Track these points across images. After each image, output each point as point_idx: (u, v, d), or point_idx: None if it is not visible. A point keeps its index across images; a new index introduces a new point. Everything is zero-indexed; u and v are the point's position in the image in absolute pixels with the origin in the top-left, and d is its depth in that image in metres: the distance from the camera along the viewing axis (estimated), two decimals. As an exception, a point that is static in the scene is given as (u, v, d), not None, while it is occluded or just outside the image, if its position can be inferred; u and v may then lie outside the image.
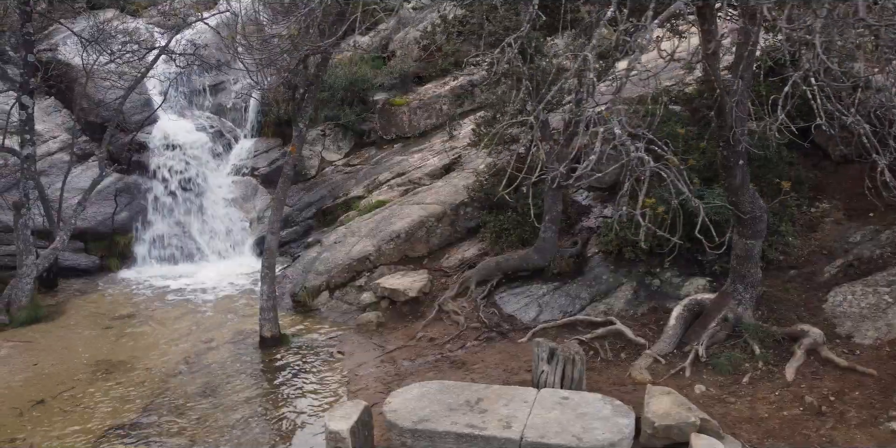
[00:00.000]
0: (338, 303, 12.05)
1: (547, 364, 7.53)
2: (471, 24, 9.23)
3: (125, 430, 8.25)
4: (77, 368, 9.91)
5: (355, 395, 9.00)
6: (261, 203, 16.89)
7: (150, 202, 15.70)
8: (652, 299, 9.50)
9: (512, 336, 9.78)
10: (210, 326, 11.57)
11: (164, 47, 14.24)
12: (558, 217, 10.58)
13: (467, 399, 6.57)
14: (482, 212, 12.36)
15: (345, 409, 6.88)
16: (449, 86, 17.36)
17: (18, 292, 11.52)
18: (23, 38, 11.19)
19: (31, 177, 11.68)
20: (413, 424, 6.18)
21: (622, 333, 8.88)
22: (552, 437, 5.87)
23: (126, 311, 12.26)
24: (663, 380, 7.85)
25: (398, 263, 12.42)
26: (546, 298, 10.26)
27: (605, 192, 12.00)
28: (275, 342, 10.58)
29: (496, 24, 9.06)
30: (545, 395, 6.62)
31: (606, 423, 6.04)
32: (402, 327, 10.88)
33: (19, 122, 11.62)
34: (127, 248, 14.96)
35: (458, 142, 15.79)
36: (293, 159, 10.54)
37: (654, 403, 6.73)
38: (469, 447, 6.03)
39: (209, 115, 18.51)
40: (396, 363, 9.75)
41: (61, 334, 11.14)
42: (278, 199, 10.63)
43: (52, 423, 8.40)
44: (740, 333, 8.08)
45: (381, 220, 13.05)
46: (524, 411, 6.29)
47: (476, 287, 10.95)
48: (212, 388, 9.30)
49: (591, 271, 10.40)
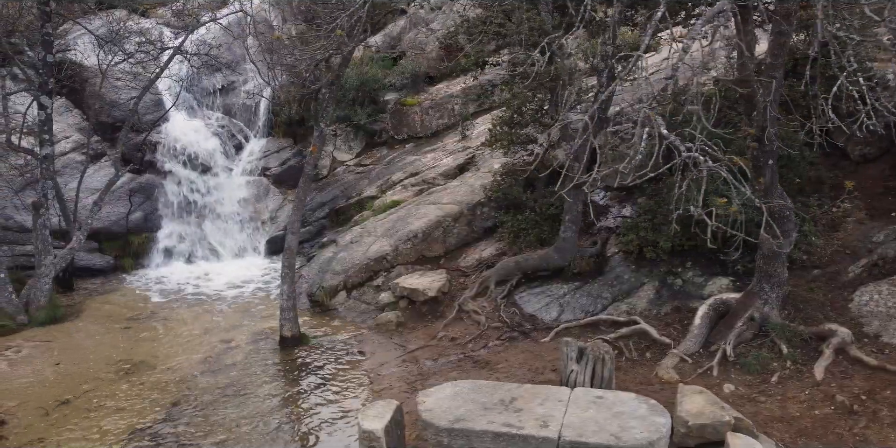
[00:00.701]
0: (355, 302, 12.05)
1: (576, 363, 7.54)
2: (494, 23, 9.24)
3: (152, 430, 8.25)
4: (99, 368, 9.91)
5: (379, 394, 9.02)
6: (273, 203, 16.90)
7: (163, 202, 15.69)
8: (675, 299, 9.51)
9: (534, 336, 9.79)
10: (228, 326, 11.57)
11: (179, 47, 14.22)
12: (579, 217, 10.58)
13: (501, 398, 6.58)
14: (499, 212, 12.38)
15: (377, 408, 6.89)
16: (461, 86, 17.39)
17: (37, 292, 11.52)
18: (42, 38, 11.16)
19: (50, 177, 11.67)
20: (450, 423, 6.18)
21: (647, 333, 8.89)
22: (590, 436, 5.88)
23: (143, 312, 12.25)
24: (691, 379, 7.87)
25: (415, 263, 12.43)
26: (567, 298, 10.27)
27: (622, 192, 12.02)
28: (295, 342, 10.59)
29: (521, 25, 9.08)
30: (579, 394, 6.63)
31: (643, 422, 6.05)
32: (422, 327, 10.89)
33: (38, 123, 11.59)
34: (141, 248, 14.95)
35: (471, 142, 15.82)
36: (314, 159, 10.55)
37: (686, 402, 6.75)
38: (507, 446, 6.04)
39: (219, 115, 18.51)
40: (419, 363, 9.76)
41: (81, 334, 11.13)
42: (298, 199, 10.63)
43: (78, 423, 8.40)
44: (767, 333, 8.09)
45: (397, 220, 13.06)
46: (560, 410, 6.30)
47: (496, 287, 10.97)
48: (235, 389, 9.30)
49: (612, 271, 10.41)
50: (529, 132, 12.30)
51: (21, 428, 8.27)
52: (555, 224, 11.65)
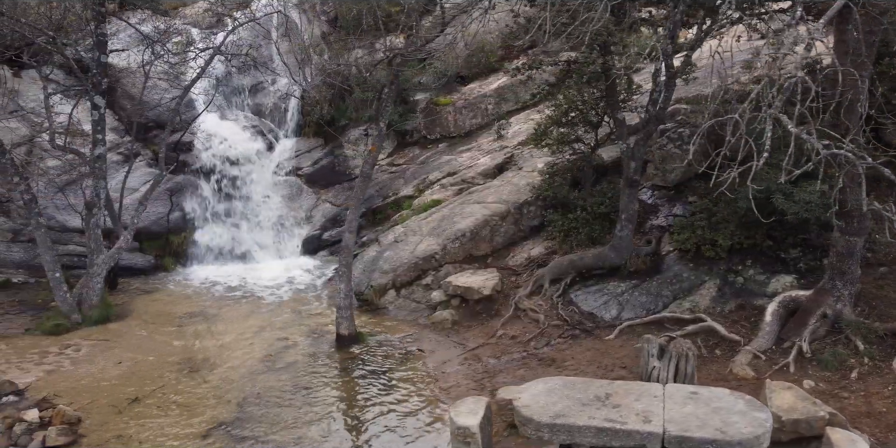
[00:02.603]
0: (405, 301, 12.10)
1: (658, 360, 7.61)
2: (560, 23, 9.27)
3: (228, 427, 8.29)
4: (160, 366, 9.93)
5: (447, 392, 9.09)
6: (307, 203, 16.93)
7: (199, 202, 15.70)
8: (738, 297, 9.59)
9: (597, 333, 9.86)
10: (280, 325, 11.60)
11: (219, 48, 14.24)
12: (634, 216, 10.64)
13: (596, 394, 6.63)
14: (547, 211, 12.43)
15: (468, 404, 6.94)
16: (494, 86, 17.45)
17: (89, 291, 11.53)
18: (96, 38, 11.18)
19: (103, 176, 11.68)
20: (551, 419, 6.23)
21: (714, 330, 8.96)
22: (695, 431, 5.93)
23: (192, 310, 12.27)
24: (767, 376, 7.94)
25: (462, 262, 12.47)
26: (625, 296, 10.34)
27: (670, 190, 12.08)
28: (352, 340, 10.63)
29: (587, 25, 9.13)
30: (672, 390, 6.69)
31: (745, 417, 6.11)
32: (477, 325, 10.94)
33: (91, 123, 11.62)
34: (180, 248, 14.97)
35: (508, 141, 15.88)
36: (373, 158, 10.58)
37: (776, 398, 6.82)
38: (610, 441, 6.10)
39: (249, 114, 18.55)
40: (481, 361, 9.81)
41: (135, 333, 11.15)
42: (357, 198, 10.68)
43: (152, 420, 8.43)
44: (841, 330, 8.17)
45: (442, 219, 13.10)
46: (657, 406, 6.36)
47: (550, 285, 11.02)
48: (301, 386, 9.33)
49: (670, 269, 10.48)
50: (577, 132, 12.37)
51: (97, 425, 8.30)
52: (605, 223, 11.73)
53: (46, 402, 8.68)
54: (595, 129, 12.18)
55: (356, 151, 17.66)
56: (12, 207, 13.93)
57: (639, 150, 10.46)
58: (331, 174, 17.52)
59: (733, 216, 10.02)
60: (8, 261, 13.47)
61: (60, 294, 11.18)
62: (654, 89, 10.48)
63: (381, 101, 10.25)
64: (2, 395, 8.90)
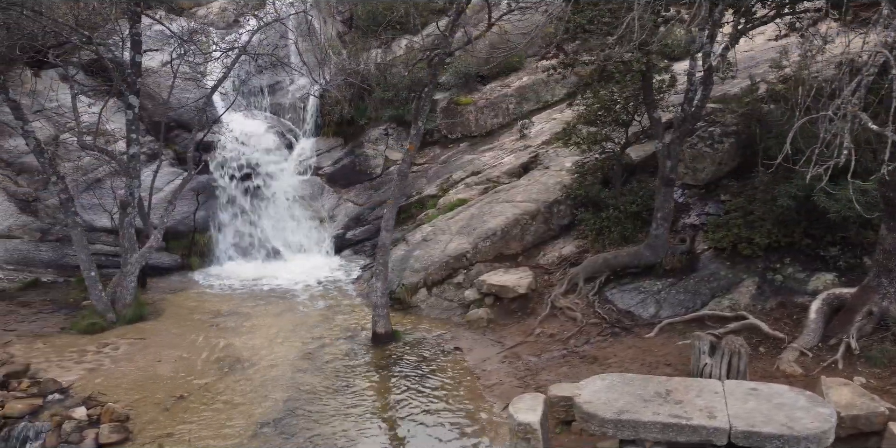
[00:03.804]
0: (437, 300, 12.13)
1: (709, 357, 7.65)
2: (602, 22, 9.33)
3: (275, 425, 8.31)
4: (201, 364, 9.95)
5: (490, 389, 9.12)
6: (329, 202, 16.97)
7: (223, 201, 15.73)
8: (778, 295, 9.63)
9: (636, 331, 9.90)
10: (313, 323, 11.62)
11: (244, 47, 14.25)
12: (670, 214, 10.68)
13: (656, 391, 6.67)
14: (577, 209, 12.47)
15: (527, 401, 6.97)
16: (515, 85, 17.50)
17: (123, 290, 11.54)
18: (131, 38, 11.19)
19: (137, 176, 11.69)
20: (615, 415, 6.26)
21: (757, 328, 9.00)
22: (761, 426, 5.97)
23: (224, 308, 12.29)
24: (816, 372, 7.99)
25: (493, 261, 12.50)
26: (662, 294, 10.38)
27: (700, 189, 12.12)
28: (388, 338, 10.67)
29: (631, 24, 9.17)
30: (732, 386, 6.72)
31: (808, 412, 6.15)
32: (513, 324, 10.98)
33: (126, 122, 11.64)
34: (206, 247, 15.00)
35: (531, 140, 15.92)
36: (411, 157, 10.61)
37: (833, 394, 6.87)
38: (675, 436, 6.13)
39: (268, 114, 18.58)
40: (521, 359, 9.85)
41: (170, 331, 11.16)
42: (395, 197, 10.69)
43: (199, 419, 8.45)
44: (887, 326, 8.22)
45: (470, 218, 13.13)
46: (719, 402, 6.40)
47: (585, 284, 11.06)
48: (343, 384, 9.36)
49: (706, 268, 10.53)
50: (607, 131, 12.41)
51: (145, 423, 8.32)
52: (636, 221, 11.78)
53: (93, 400, 8.70)
54: (626, 127, 12.22)
55: (377, 151, 17.71)
56: (40, 207, 13.96)
57: (675, 149, 10.51)
58: (351, 174, 17.54)
59: (770, 214, 10.07)
60: (37, 260, 13.49)
61: (96, 293, 11.19)
62: (689, 88, 10.52)
63: (421, 100, 10.26)
64: (47, 394, 8.91)
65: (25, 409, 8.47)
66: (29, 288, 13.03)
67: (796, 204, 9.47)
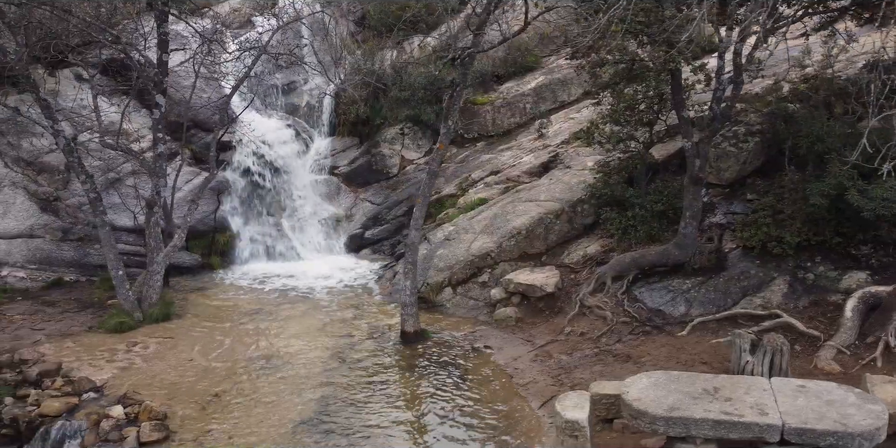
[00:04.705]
0: (462, 298, 12.14)
1: (750, 355, 7.67)
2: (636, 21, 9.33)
3: (311, 424, 8.30)
4: (232, 363, 9.94)
5: (525, 387, 9.13)
6: (346, 201, 16.98)
7: (243, 200, 15.72)
8: (810, 293, 9.65)
9: (668, 330, 9.91)
10: (340, 322, 11.62)
11: (264, 47, 14.24)
12: (699, 213, 10.70)
13: (704, 388, 6.68)
14: (602, 209, 12.48)
15: (572, 399, 6.98)
16: (532, 84, 17.52)
17: (149, 289, 11.53)
18: (158, 37, 11.18)
19: (163, 175, 11.69)
20: (666, 412, 6.28)
21: (792, 326, 9.02)
22: (815, 423, 5.99)
23: (250, 308, 12.28)
24: (855, 370, 8.01)
25: (517, 260, 12.52)
26: (692, 293, 10.40)
27: (725, 189, 12.15)
28: (417, 337, 10.67)
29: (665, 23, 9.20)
30: (779, 383, 6.74)
31: (860, 409, 6.17)
32: (541, 322, 10.99)
33: (152, 121, 11.63)
34: (226, 246, 14.98)
35: (549, 140, 15.94)
36: (440, 155, 10.60)
37: (878, 391, 6.89)
38: (727, 433, 6.15)
39: (283, 114, 18.57)
40: (553, 357, 9.86)
41: (197, 330, 11.15)
42: (424, 195, 10.69)
43: (236, 416, 8.45)
44: (925, 324, 8.25)
45: (493, 217, 13.13)
46: (769, 399, 6.41)
47: (612, 282, 11.07)
48: (376, 382, 9.36)
49: (735, 266, 10.54)
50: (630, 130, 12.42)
51: (183, 420, 8.31)
52: (662, 220, 11.81)
53: (128, 398, 8.67)
54: (650, 126, 12.24)
55: (393, 150, 17.71)
56: (60, 206, 13.94)
57: (704, 148, 10.53)
58: (368, 173, 17.56)
59: (800, 213, 10.09)
60: (59, 259, 13.47)
61: (123, 292, 11.18)
62: (717, 87, 10.54)
63: (452, 99, 10.26)
64: (82, 392, 8.90)
65: (62, 408, 8.46)
66: (52, 287, 13.01)
67: (828, 202, 9.50)
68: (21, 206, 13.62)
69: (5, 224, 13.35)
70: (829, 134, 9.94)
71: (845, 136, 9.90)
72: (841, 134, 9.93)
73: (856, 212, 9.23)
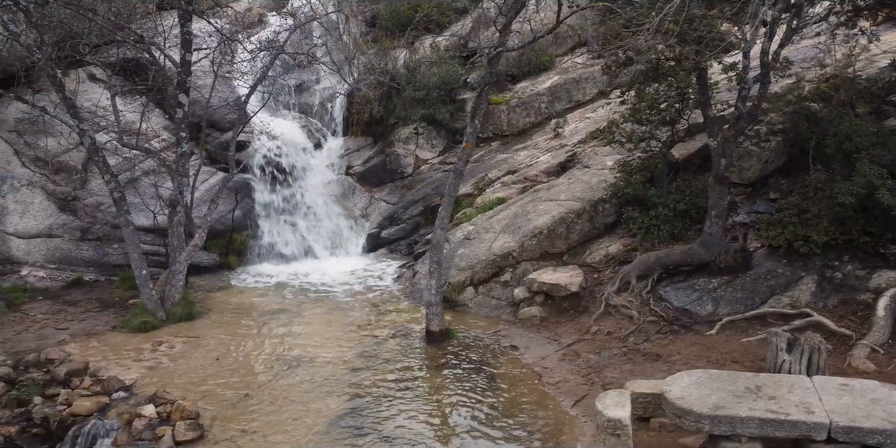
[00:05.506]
0: (485, 298, 12.12)
1: (787, 354, 7.66)
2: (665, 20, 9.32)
3: (344, 423, 8.26)
4: (259, 362, 9.91)
5: (556, 387, 9.11)
6: (361, 201, 16.98)
7: (259, 200, 15.70)
8: (839, 292, 9.65)
9: (696, 329, 9.90)
10: (363, 322, 11.59)
11: (282, 47, 14.22)
12: (724, 212, 10.70)
13: (746, 386, 6.67)
14: (624, 208, 12.48)
15: (612, 398, 6.97)
16: (547, 84, 17.51)
17: (172, 289, 11.50)
18: (182, 37, 11.16)
19: (186, 174, 11.66)
20: (711, 411, 6.27)
21: (823, 325, 9.01)
22: (863, 421, 5.98)
23: (271, 307, 12.26)
24: (890, 369, 8.01)
25: (539, 259, 12.51)
26: (719, 292, 10.38)
27: (747, 188, 12.15)
28: (442, 336, 10.64)
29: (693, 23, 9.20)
30: (822, 382, 6.74)
31: (906, 407, 6.17)
32: (566, 322, 10.98)
33: (175, 120, 11.60)
34: (243, 246, 14.96)
35: (566, 139, 15.94)
36: (467, 155, 10.56)
37: (918, 390, 6.87)
38: (773, 431, 6.14)
39: (296, 114, 18.57)
40: (581, 357, 9.84)
41: (222, 329, 11.12)
42: (449, 194, 10.67)
43: (267, 416, 8.41)
44: (958, 323, 8.24)
45: (514, 217, 13.12)
46: (813, 397, 6.41)
47: (637, 282, 11.06)
48: (404, 382, 9.33)
49: (762, 265, 10.53)
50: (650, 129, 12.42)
51: (215, 420, 8.27)
52: (685, 220, 11.80)
53: (159, 397, 8.66)
54: (672, 125, 12.23)
55: (407, 150, 17.72)
56: (79, 206, 13.91)
57: (729, 147, 10.52)
58: (382, 173, 17.57)
59: (826, 212, 10.09)
60: (78, 259, 13.44)
61: (146, 291, 11.16)
62: (742, 86, 10.53)
63: (479, 98, 10.24)
64: (111, 392, 8.87)
65: (94, 407, 8.44)
66: (72, 287, 12.99)
67: (856, 201, 9.49)
68: (39, 206, 13.59)
69: (24, 224, 13.32)
70: (858, 133, 9.93)
71: (873, 134, 9.90)
72: (869, 133, 9.93)
73: (884, 211, 9.23)
